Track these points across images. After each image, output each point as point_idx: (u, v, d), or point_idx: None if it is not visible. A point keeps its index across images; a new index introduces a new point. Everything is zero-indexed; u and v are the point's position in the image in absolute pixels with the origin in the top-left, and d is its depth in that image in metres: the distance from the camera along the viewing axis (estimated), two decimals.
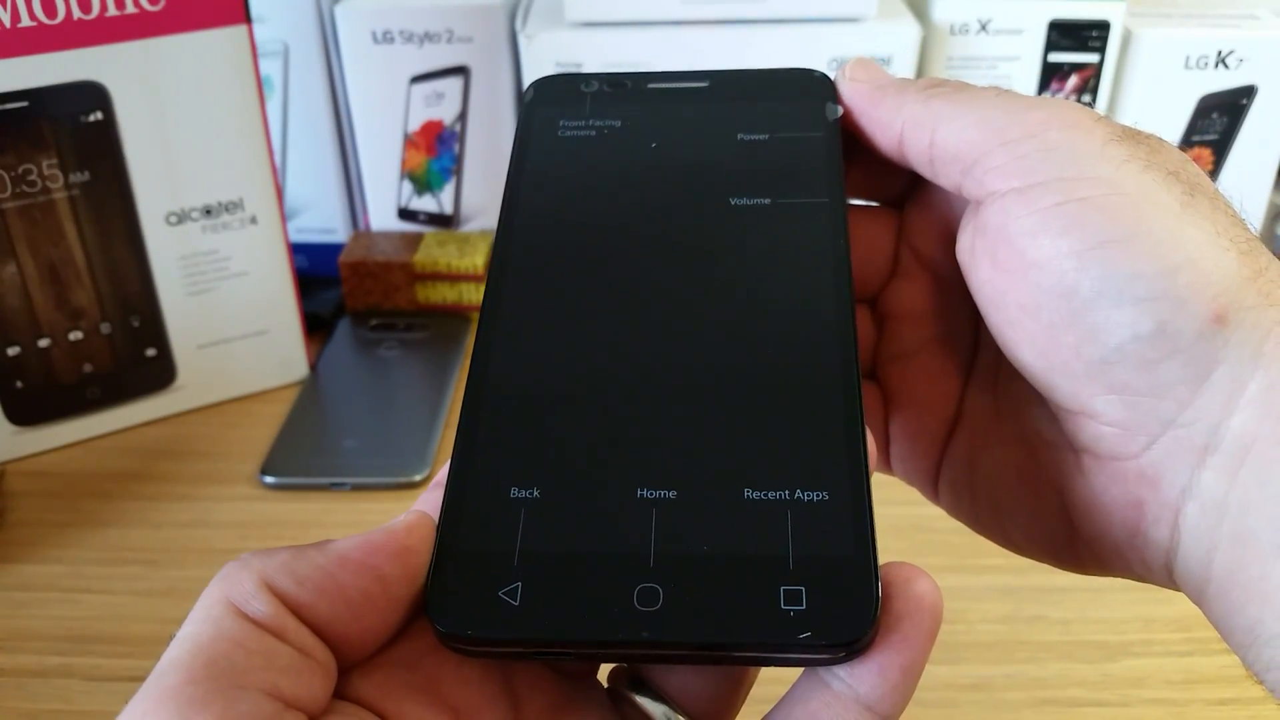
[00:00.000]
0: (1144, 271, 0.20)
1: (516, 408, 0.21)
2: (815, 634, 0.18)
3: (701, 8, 0.57)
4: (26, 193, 0.49)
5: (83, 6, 0.47)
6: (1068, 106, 0.22)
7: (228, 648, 0.17)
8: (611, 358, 0.22)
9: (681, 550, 0.19)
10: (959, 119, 0.23)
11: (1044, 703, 0.39)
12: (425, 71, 0.62)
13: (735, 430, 0.21)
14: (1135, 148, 0.21)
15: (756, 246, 0.24)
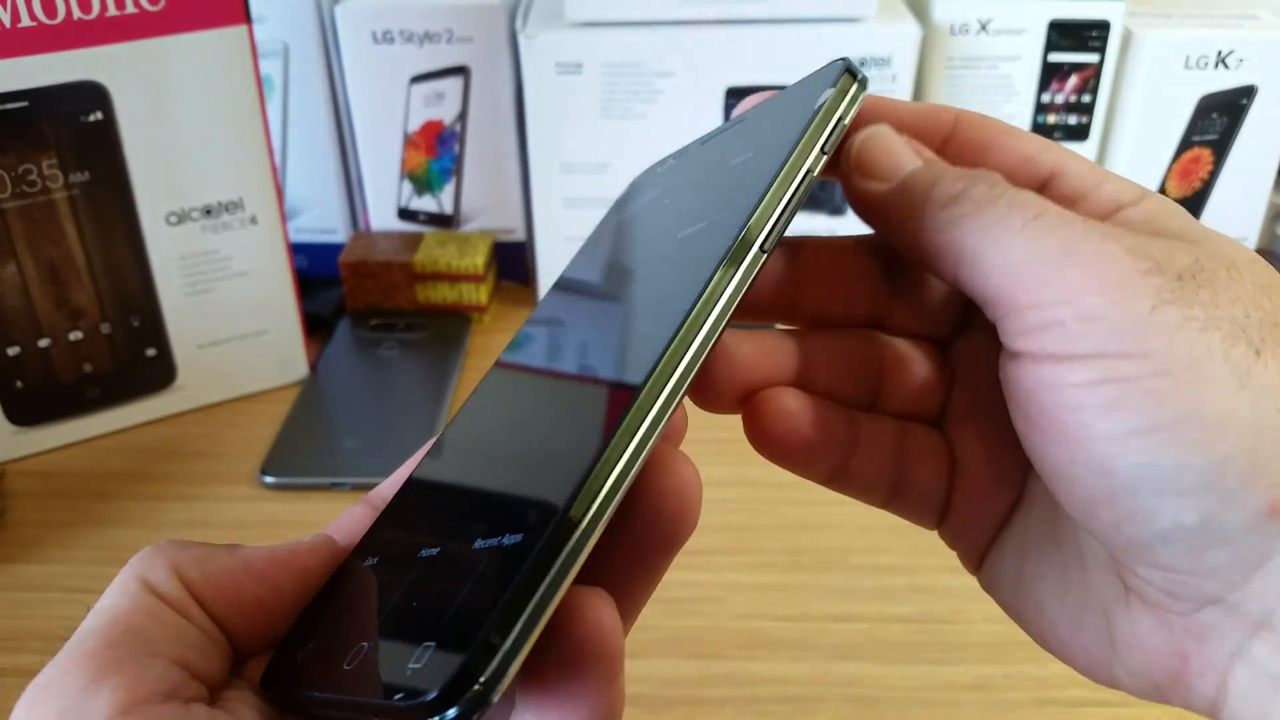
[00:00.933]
0: (1190, 463, 0.18)
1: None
2: (407, 695, 0.16)
3: (701, 8, 0.57)
4: (26, 193, 0.49)
5: (83, 6, 0.47)
6: (1109, 259, 0.19)
7: (143, 619, 0.19)
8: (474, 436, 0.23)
9: (390, 607, 0.19)
10: (981, 261, 0.20)
11: (1044, 703, 0.39)
12: (425, 71, 0.62)
13: (490, 488, 0.21)
14: (1191, 307, 0.18)
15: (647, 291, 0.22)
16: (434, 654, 0.16)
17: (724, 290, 0.19)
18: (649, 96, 0.59)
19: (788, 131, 0.22)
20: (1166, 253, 0.19)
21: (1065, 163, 0.22)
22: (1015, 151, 0.23)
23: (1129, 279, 0.18)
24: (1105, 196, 0.22)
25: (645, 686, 0.40)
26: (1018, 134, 0.23)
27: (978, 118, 0.23)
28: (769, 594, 0.44)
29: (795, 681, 0.40)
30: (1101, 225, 0.20)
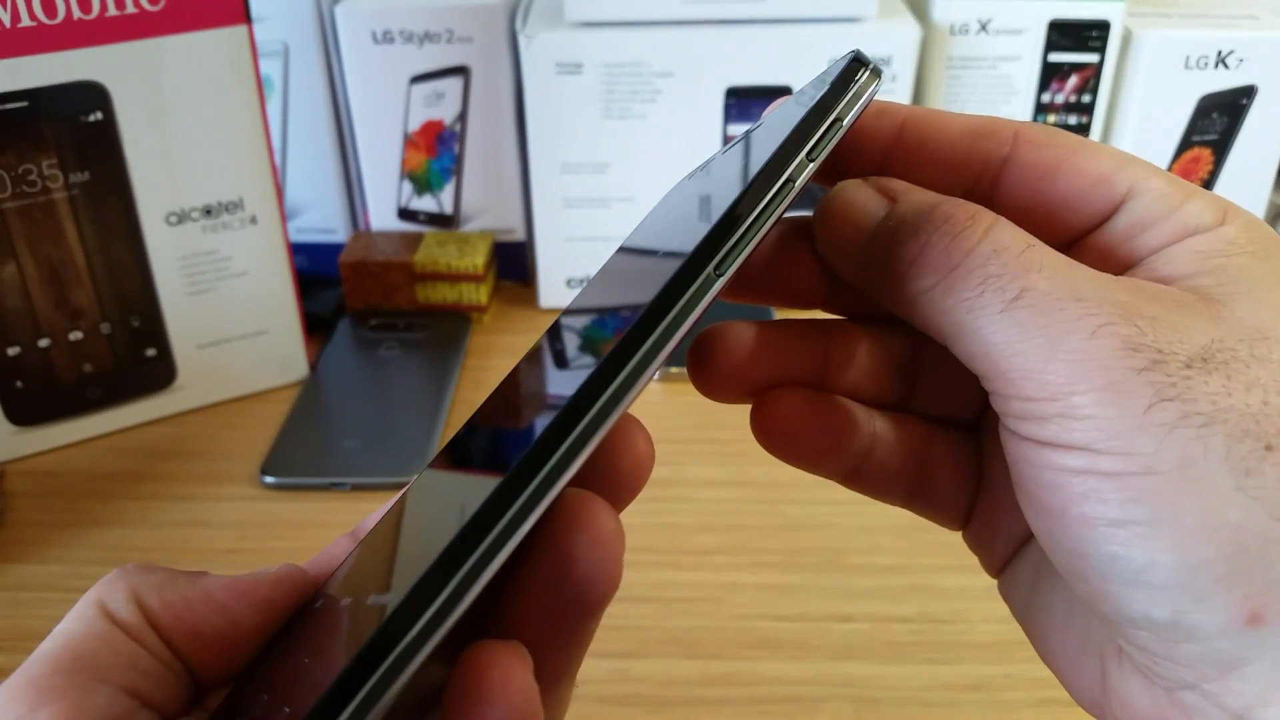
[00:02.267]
0: (1163, 561, 0.17)
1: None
2: None
3: (701, 8, 0.57)
4: (26, 193, 0.49)
5: (83, 6, 0.47)
6: (1100, 359, 0.17)
7: (95, 645, 0.19)
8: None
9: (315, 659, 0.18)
10: (961, 344, 0.19)
11: (1044, 703, 0.39)
12: (425, 71, 0.62)
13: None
14: (1195, 401, 0.17)
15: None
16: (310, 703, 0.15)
17: (655, 327, 0.17)
18: (649, 96, 0.59)
19: (775, 137, 0.20)
20: (1177, 335, 0.17)
21: (1143, 182, 0.20)
22: (1087, 173, 0.20)
23: (1122, 380, 0.17)
24: (1179, 223, 0.20)
25: (645, 686, 0.40)
26: (1089, 151, 0.20)
27: (1041, 134, 0.21)
28: (769, 594, 0.44)
29: (795, 681, 0.40)
30: (1101, 305, 0.17)
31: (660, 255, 0.20)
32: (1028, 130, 0.21)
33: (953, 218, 0.19)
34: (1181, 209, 0.20)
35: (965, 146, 0.21)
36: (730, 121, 0.60)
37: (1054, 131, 0.21)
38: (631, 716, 0.39)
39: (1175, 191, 0.20)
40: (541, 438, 0.16)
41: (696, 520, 0.47)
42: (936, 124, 0.21)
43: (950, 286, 0.18)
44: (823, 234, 0.21)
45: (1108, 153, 0.21)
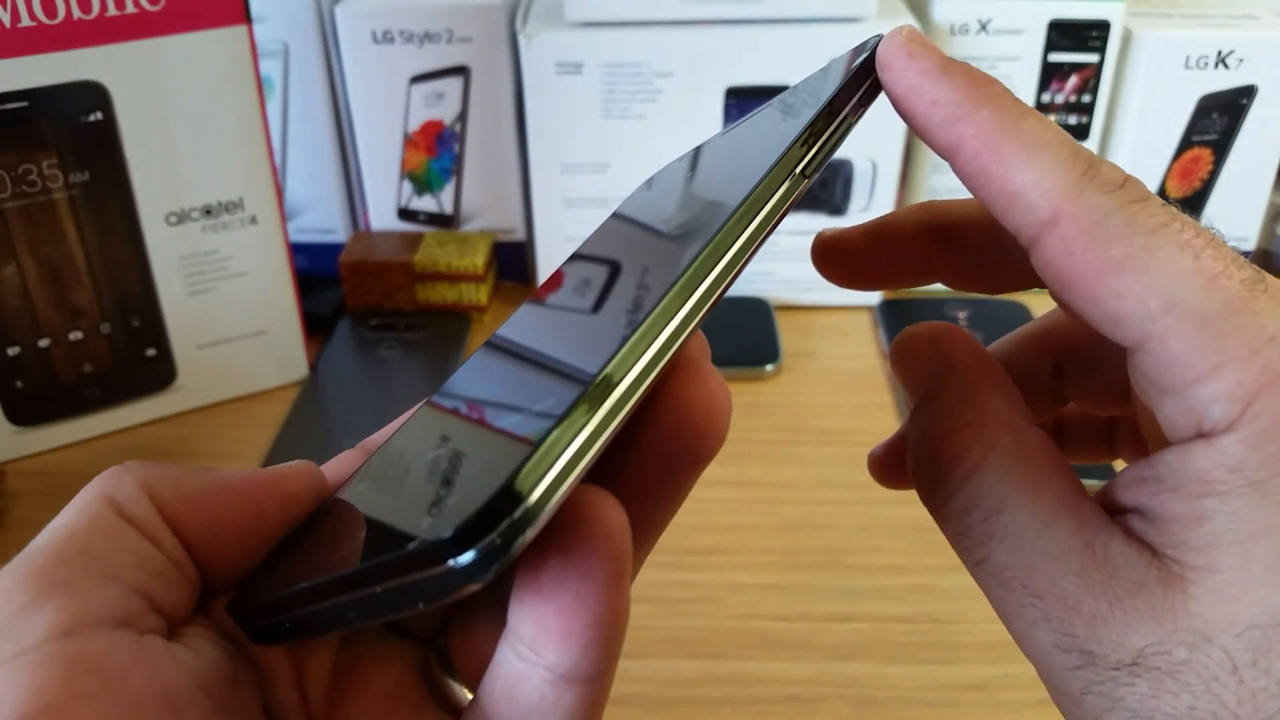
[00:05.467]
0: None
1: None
2: (427, 544, 0.14)
3: (701, 8, 0.57)
4: (26, 193, 0.49)
5: (83, 6, 0.47)
6: (1038, 644, 0.18)
7: (103, 541, 0.18)
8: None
9: (392, 495, 0.18)
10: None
11: (1044, 703, 0.38)
12: (425, 71, 0.62)
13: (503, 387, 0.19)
14: (1122, 700, 0.17)
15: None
16: (454, 504, 0.14)
17: (760, 209, 0.18)
18: (649, 96, 0.59)
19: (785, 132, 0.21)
20: (1113, 636, 0.17)
21: (1158, 340, 0.16)
22: (1102, 304, 0.17)
23: (1057, 669, 0.18)
24: (1192, 404, 0.16)
25: (645, 686, 0.40)
26: (1121, 270, 0.17)
27: (1074, 235, 0.17)
28: (769, 594, 0.44)
29: (795, 681, 0.40)
30: (1042, 593, 0.18)
31: (707, 204, 0.21)
32: (1064, 223, 0.17)
33: (939, 453, 0.19)
34: (1196, 388, 0.16)
35: (1002, 211, 0.18)
36: (730, 121, 0.60)
37: (1099, 227, 0.17)
38: (631, 716, 0.39)
39: (1193, 360, 0.16)
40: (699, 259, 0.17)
41: (696, 520, 0.47)
42: (981, 183, 0.18)
43: (939, 521, 0.19)
44: (895, 373, 0.22)
45: (1141, 283, 0.16)
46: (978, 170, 0.18)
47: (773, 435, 0.52)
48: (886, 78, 0.21)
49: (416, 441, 0.20)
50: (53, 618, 0.16)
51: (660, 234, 0.22)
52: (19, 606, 0.16)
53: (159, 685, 0.17)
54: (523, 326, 0.22)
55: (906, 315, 0.62)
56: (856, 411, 0.55)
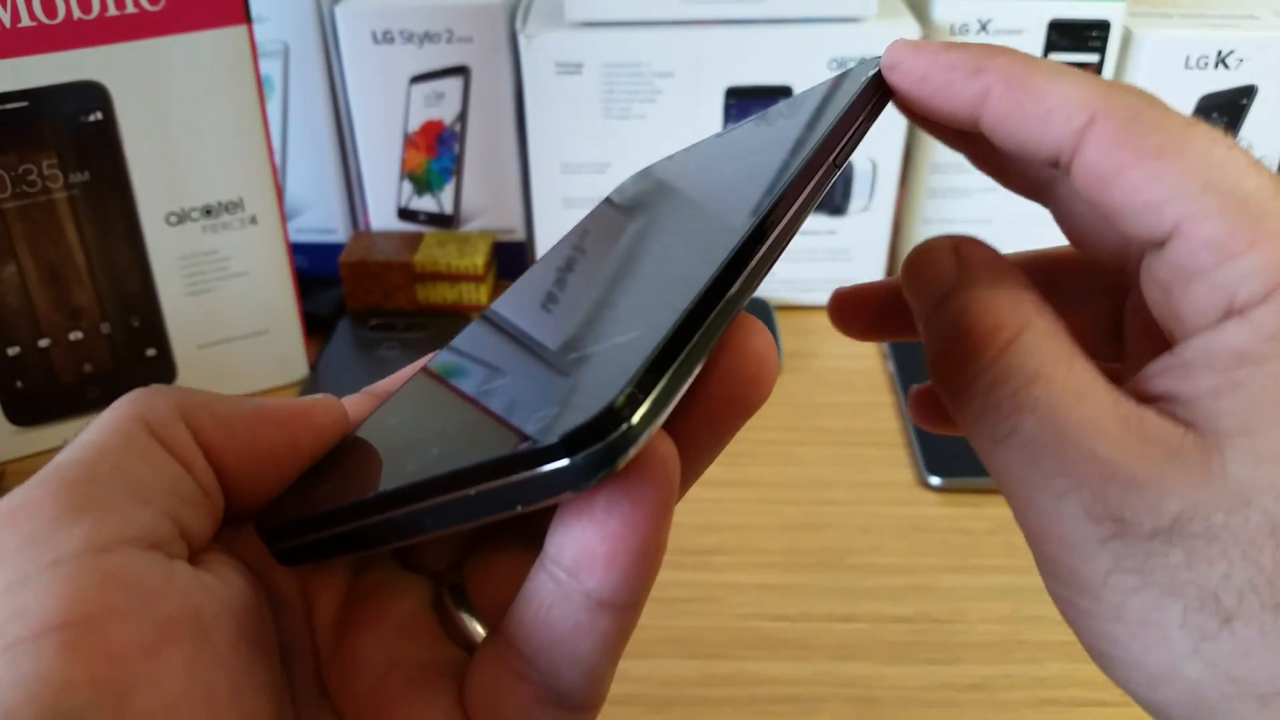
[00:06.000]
0: (1134, 691, 0.18)
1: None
2: (544, 449, 0.14)
3: (701, 8, 0.57)
4: (26, 193, 0.49)
5: (83, 6, 0.47)
6: (1064, 521, 0.17)
7: (136, 461, 0.17)
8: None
9: (465, 414, 0.18)
10: (978, 453, 0.20)
11: (1044, 703, 0.39)
12: (425, 71, 0.62)
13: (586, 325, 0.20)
14: (1153, 573, 0.17)
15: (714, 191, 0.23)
16: (565, 414, 0.15)
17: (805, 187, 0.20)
18: (649, 96, 0.59)
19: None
20: (1147, 502, 0.17)
21: (1193, 222, 0.17)
22: (1140, 192, 0.18)
23: (1084, 545, 0.17)
24: (1222, 282, 0.17)
25: (645, 686, 0.40)
26: (1159, 157, 0.17)
27: (1114, 129, 0.18)
28: (769, 594, 0.44)
29: (795, 681, 0.40)
30: (1077, 462, 0.17)
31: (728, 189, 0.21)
32: (1103, 120, 0.18)
33: (972, 332, 0.19)
34: (1228, 266, 0.17)
35: (1040, 130, 0.19)
36: (730, 121, 0.60)
37: (1136, 119, 0.18)
38: (631, 716, 0.39)
39: (1227, 239, 0.17)
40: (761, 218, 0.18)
41: (696, 520, 0.47)
42: (1020, 103, 0.19)
43: (962, 401, 0.19)
44: (905, 288, 0.22)
45: (1177, 169, 0.17)
46: (1010, 106, 0.19)
47: (773, 435, 0.52)
48: (899, 71, 0.21)
49: (499, 358, 0.20)
50: (88, 532, 0.16)
51: (700, 201, 0.22)
52: (52, 518, 0.16)
53: (190, 610, 0.17)
54: (571, 263, 0.23)
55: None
56: (856, 411, 0.55)
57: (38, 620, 0.15)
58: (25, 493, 0.17)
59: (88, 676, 0.15)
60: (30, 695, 0.14)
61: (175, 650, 0.16)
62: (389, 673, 0.19)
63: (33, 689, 0.14)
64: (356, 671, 0.19)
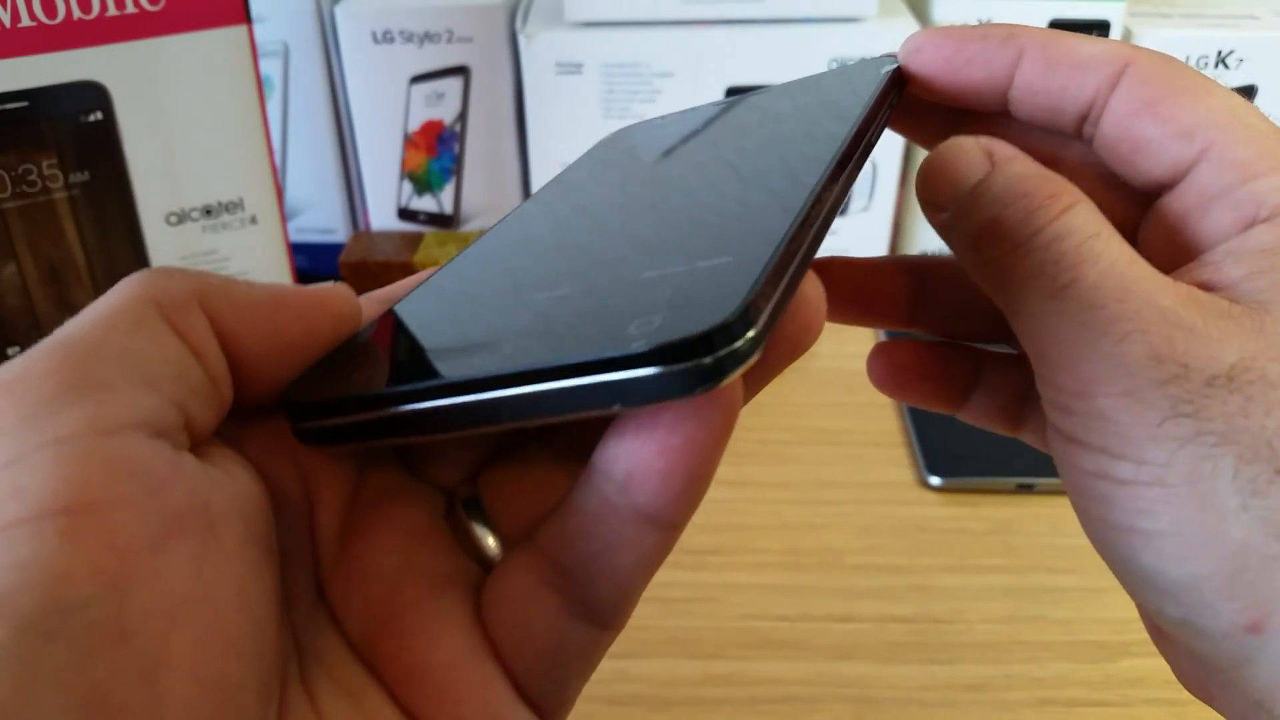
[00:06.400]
0: (1166, 571, 0.18)
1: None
2: (658, 350, 0.14)
3: (701, 8, 0.57)
4: (26, 193, 0.49)
5: (83, 6, 0.47)
6: (1125, 365, 0.17)
7: (144, 345, 0.16)
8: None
9: (543, 315, 0.18)
10: (1010, 315, 0.20)
11: (1044, 703, 0.39)
12: (425, 71, 0.62)
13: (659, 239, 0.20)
14: (1210, 420, 0.17)
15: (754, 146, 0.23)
16: (667, 322, 0.15)
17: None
18: (649, 96, 0.59)
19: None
20: (1206, 350, 0.17)
21: (1224, 143, 0.19)
22: (1172, 121, 0.20)
23: (1142, 389, 0.17)
24: (1248, 196, 0.19)
25: (645, 686, 0.40)
26: (1189, 95, 0.20)
27: (1151, 67, 0.20)
28: (769, 594, 0.44)
29: (795, 681, 0.40)
30: (1140, 309, 0.18)
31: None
32: (1141, 61, 0.20)
33: (1032, 194, 0.19)
34: (1252, 184, 0.19)
35: (1079, 76, 0.21)
36: None
37: (1168, 66, 0.20)
38: (631, 716, 0.39)
39: (1253, 161, 0.19)
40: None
41: (696, 520, 0.47)
42: (1055, 57, 0.22)
43: (1014, 261, 0.19)
44: (922, 185, 0.21)
45: (1207, 105, 0.20)
46: (1046, 61, 0.21)
47: (773, 435, 0.52)
48: (926, 53, 0.22)
49: (549, 266, 0.20)
50: (92, 411, 0.15)
51: (745, 150, 0.23)
52: (53, 393, 0.15)
53: (198, 504, 0.15)
54: (584, 196, 0.23)
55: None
56: (856, 411, 0.55)
57: (38, 501, 0.14)
58: (24, 365, 0.15)
59: (90, 567, 0.14)
60: (27, 582, 0.13)
61: (182, 546, 0.15)
62: (402, 580, 0.19)
63: (30, 576, 0.13)
64: (366, 578, 0.19)
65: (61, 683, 0.13)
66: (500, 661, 0.18)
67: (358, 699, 0.18)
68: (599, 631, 0.18)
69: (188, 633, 0.15)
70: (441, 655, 0.18)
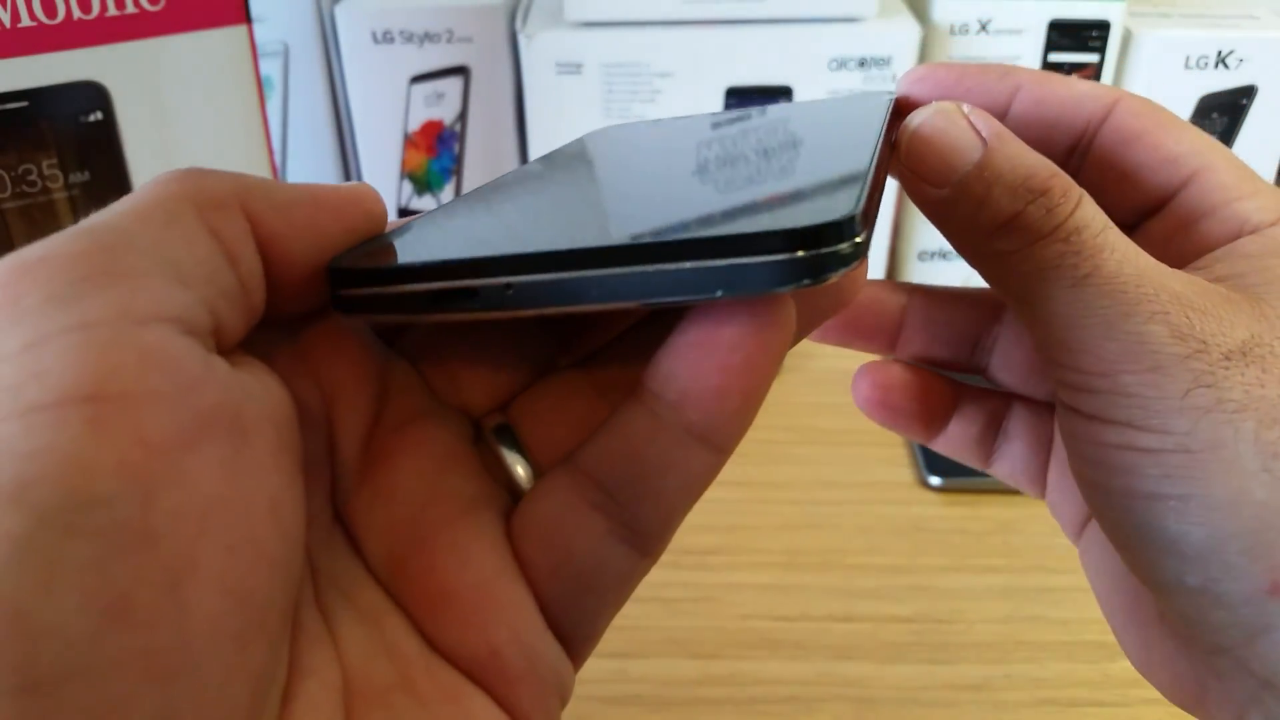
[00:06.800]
0: (1193, 533, 0.18)
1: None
2: (781, 234, 0.15)
3: (701, 8, 0.57)
4: (26, 193, 0.49)
5: (83, 6, 0.47)
6: (1149, 343, 0.18)
7: (178, 242, 0.15)
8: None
9: (632, 215, 0.18)
10: (1026, 308, 0.20)
11: (1044, 703, 0.39)
12: (425, 71, 0.62)
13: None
14: (1230, 389, 0.18)
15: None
16: (781, 215, 0.15)
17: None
18: (649, 96, 0.59)
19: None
20: (1220, 329, 0.19)
21: (1210, 169, 0.21)
22: (1161, 148, 0.22)
23: (1167, 364, 0.18)
24: (1234, 215, 0.21)
25: (645, 686, 0.40)
26: (1175, 129, 0.22)
27: (1139, 104, 0.22)
28: (768, 594, 0.44)
29: (795, 681, 0.40)
30: (1158, 293, 0.19)
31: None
32: (1128, 99, 0.23)
33: (1050, 190, 0.20)
34: (1237, 204, 0.21)
35: (1073, 107, 0.23)
36: None
37: (1153, 105, 0.22)
38: (631, 716, 0.39)
39: (1237, 184, 0.21)
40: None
41: (696, 520, 0.47)
42: (1051, 89, 0.23)
43: (1031, 254, 0.20)
44: (913, 158, 0.21)
45: (1191, 137, 0.22)
46: (1044, 93, 0.23)
47: (772, 435, 0.52)
48: (929, 82, 0.24)
49: (640, 175, 0.21)
50: (123, 298, 0.14)
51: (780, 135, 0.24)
52: (81, 276, 0.14)
53: (231, 407, 0.15)
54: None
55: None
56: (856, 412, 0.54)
57: (61, 386, 0.13)
58: (48, 246, 0.14)
59: (116, 460, 0.13)
60: (49, 472, 0.12)
61: (213, 449, 0.14)
62: (430, 502, 0.18)
63: (51, 465, 0.12)
64: (392, 500, 0.18)
65: (82, 584, 0.12)
66: (532, 587, 0.18)
67: (377, 624, 0.17)
68: (638, 558, 0.18)
69: (217, 540, 0.14)
70: (472, 575, 0.18)
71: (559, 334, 0.21)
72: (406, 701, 0.17)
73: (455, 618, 0.17)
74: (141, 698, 0.12)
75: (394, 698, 0.17)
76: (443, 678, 0.17)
